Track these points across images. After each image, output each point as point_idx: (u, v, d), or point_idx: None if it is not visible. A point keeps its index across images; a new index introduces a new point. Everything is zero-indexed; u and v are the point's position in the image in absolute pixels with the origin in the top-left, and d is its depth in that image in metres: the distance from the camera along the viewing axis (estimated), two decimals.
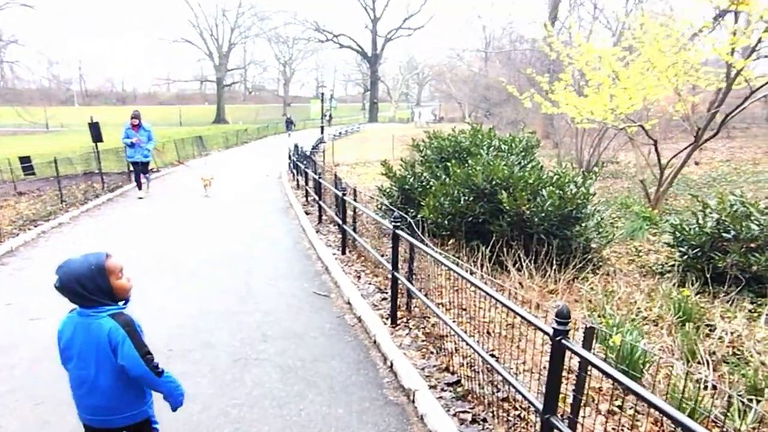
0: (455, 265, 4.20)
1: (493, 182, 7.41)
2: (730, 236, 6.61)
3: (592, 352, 2.51)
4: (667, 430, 3.35)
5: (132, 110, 12.62)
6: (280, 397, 3.78)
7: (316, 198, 10.43)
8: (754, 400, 3.82)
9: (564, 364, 2.51)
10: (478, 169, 7.55)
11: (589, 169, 15.65)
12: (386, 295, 5.89)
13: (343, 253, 7.75)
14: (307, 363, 4.28)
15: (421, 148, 10.30)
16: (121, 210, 11.28)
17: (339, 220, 8.00)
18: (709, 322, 5.33)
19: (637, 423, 3.48)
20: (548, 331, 2.45)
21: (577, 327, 5.40)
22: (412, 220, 7.66)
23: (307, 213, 11.00)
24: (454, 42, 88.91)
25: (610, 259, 7.92)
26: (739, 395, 3.86)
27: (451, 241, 7.81)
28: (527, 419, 3.42)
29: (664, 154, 11.68)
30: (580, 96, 11.13)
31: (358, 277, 6.71)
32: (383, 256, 6.95)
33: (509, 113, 29.94)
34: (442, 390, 3.88)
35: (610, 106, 10.43)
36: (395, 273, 5.01)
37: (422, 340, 4.78)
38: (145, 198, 12.46)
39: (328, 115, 40.89)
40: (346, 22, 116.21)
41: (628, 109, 10.38)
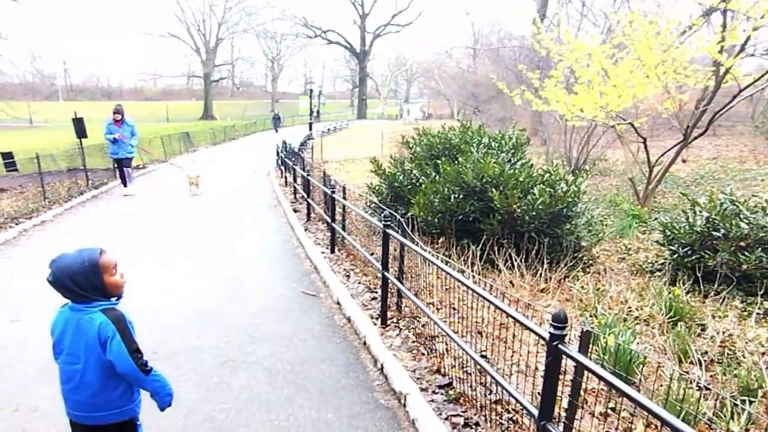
0: (446, 264, 4.14)
1: (484, 180, 7.35)
2: (719, 235, 6.60)
3: (589, 356, 2.45)
4: None
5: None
6: (269, 401, 3.69)
7: (305, 195, 10.33)
8: (747, 401, 3.79)
9: (561, 369, 2.44)
10: (468, 166, 7.49)
11: (578, 166, 15.67)
12: (376, 295, 5.82)
13: (332, 251, 7.66)
14: (296, 366, 4.19)
15: (411, 145, 10.23)
16: (106, 207, 11.09)
17: (328, 218, 7.90)
18: (701, 322, 5.32)
19: (632, 426, 3.44)
20: (545, 335, 2.38)
21: (570, 326, 5.37)
22: (402, 219, 7.59)
23: (296, 210, 10.88)
24: (442, 39, 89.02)
25: (599, 258, 7.90)
26: (732, 396, 3.84)
27: (441, 240, 7.75)
28: (521, 423, 3.37)
29: (652, 152, 11.69)
30: (570, 93, 11.10)
31: (348, 276, 6.63)
32: (373, 255, 6.87)
33: (498, 110, 29.91)
34: (434, 393, 3.82)
35: (600, 104, 10.42)
36: (385, 273, 4.93)
37: (413, 341, 4.71)
38: (130, 195, 12.26)
39: (316, 112, 40.63)
40: (335, 18, 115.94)
41: (618, 107, 10.37)
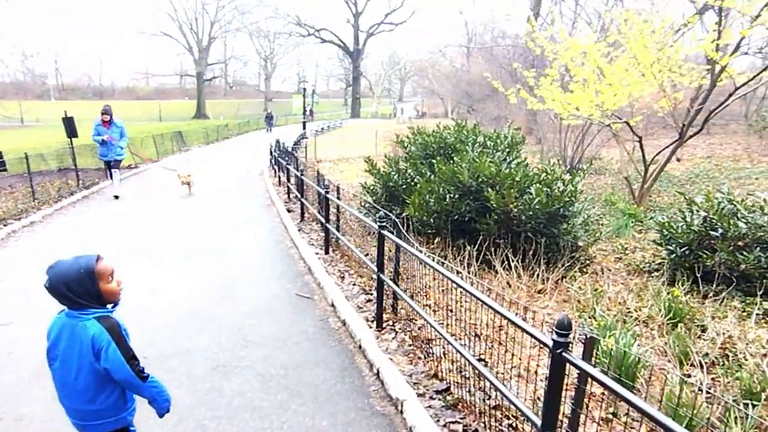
0: (442, 265, 4.05)
1: (480, 180, 7.27)
2: (717, 234, 6.55)
3: (593, 364, 2.37)
4: None
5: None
6: (262, 407, 3.59)
7: (298, 195, 10.22)
8: (750, 405, 3.73)
9: (565, 377, 2.35)
10: (463, 166, 7.40)
11: (574, 165, 15.63)
12: (371, 297, 5.73)
13: (327, 252, 7.56)
14: (290, 370, 4.09)
15: (406, 145, 10.14)
16: (97, 208, 10.95)
17: (322, 219, 7.80)
18: (700, 323, 5.25)
19: (632, 430, 3.38)
20: (548, 342, 2.30)
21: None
22: (397, 219, 7.50)
23: (289, 210, 10.77)
24: (436, 37, 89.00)
25: (596, 257, 7.83)
26: (734, 400, 3.77)
27: (437, 240, 7.66)
28: (521, 429, 3.29)
29: (646, 151, 11.65)
30: (565, 92, 11.04)
31: (342, 278, 6.53)
32: (367, 256, 6.78)
33: (492, 109, 29.87)
34: (431, 398, 3.73)
35: (596, 102, 10.37)
36: (381, 275, 4.84)
37: (409, 345, 4.63)
38: (122, 196, 12.09)
39: (310, 111, 40.49)
40: (328, 17, 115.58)
41: (614, 105, 10.32)
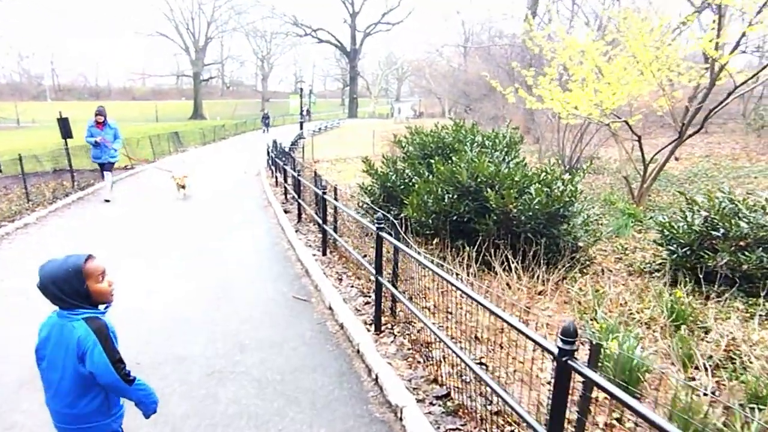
0: (441, 267, 3.98)
1: (478, 180, 7.19)
2: (719, 234, 6.49)
3: (599, 373, 2.30)
4: None
5: (96, 106, 11.74)
6: (258, 415, 3.50)
7: (296, 196, 10.13)
8: (756, 409, 3.65)
9: (571, 385, 2.27)
10: (462, 166, 7.33)
11: (572, 164, 15.56)
12: (369, 299, 5.65)
13: (324, 254, 7.47)
14: (287, 376, 4.01)
15: (403, 144, 10.06)
16: (92, 209, 10.84)
17: (319, 220, 7.71)
18: (703, 325, 5.19)
19: None
20: (553, 350, 2.22)
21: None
22: (395, 219, 7.41)
23: (287, 211, 10.68)
24: (433, 37, 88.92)
25: (596, 258, 7.76)
26: (740, 404, 3.70)
27: (436, 241, 7.59)
28: None
29: (645, 150, 11.59)
30: (564, 91, 10.97)
31: (340, 280, 6.44)
32: (365, 257, 6.70)
33: (489, 108, 29.82)
34: (431, 404, 3.65)
35: (595, 102, 10.30)
36: (379, 277, 4.76)
37: (408, 348, 4.54)
38: (117, 197, 11.99)
39: (306, 111, 40.37)
40: (325, 17, 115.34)
41: (613, 104, 10.25)
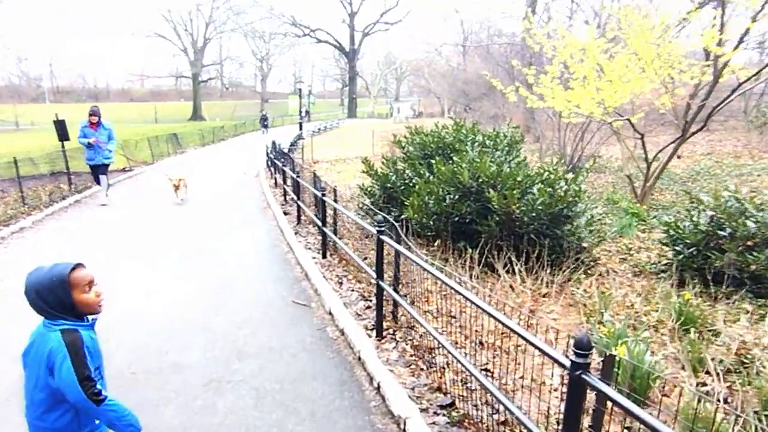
0: (442, 271, 3.86)
1: (480, 180, 7.07)
2: (725, 234, 6.37)
3: (615, 387, 2.18)
4: None
5: (91, 106, 11.40)
6: (256, 426, 3.38)
7: (295, 198, 10.01)
8: None
9: (585, 400, 2.15)
10: (463, 166, 7.21)
11: (574, 163, 15.44)
12: (370, 303, 5.53)
13: (324, 256, 7.35)
14: (286, 385, 3.89)
15: (403, 145, 9.94)
16: (90, 213, 10.71)
17: (319, 222, 7.59)
18: (712, 327, 5.06)
19: None
20: (565, 363, 2.10)
21: (574, 336, 5.10)
22: (396, 221, 7.29)
23: (286, 213, 10.56)
24: (432, 37, 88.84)
25: (600, 258, 7.64)
26: (755, 412, 3.58)
27: (437, 242, 7.47)
28: None
29: (646, 148, 11.47)
30: (566, 90, 10.85)
31: (340, 283, 6.32)
32: (365, 259, 6.59)
33: (489, 107, 29.71)
34: (435, 414, 3.53)
35: (597, 100, 10.18)
36: (380, 282, 4.64)
37: (411, 355, 4.42)
38: (115, 201, 11.85)
39: (304, 111, 40.25)
40: (324, 17, 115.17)
41: (615, 102, 10.13)
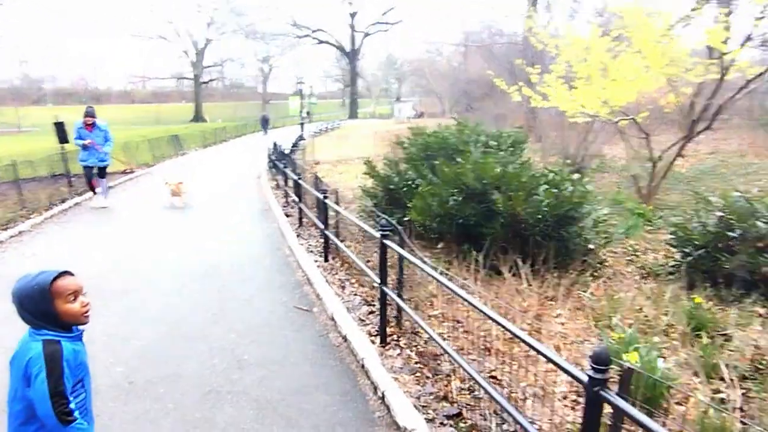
0: (446, 276, 3.75)
1: (484, 182, 6.95)
2: (735, 235, 6.24)
3: (633, 405, 2.06)
4: None
5: (96, 109, 11.38)
6: None
7: (296, 200, 9.90)
8: None
9: (601, 416, 2.04)
10: (468, 167, 7.09)
11: (577, 163, 15.29)
12: (373, 308, 5.41)
13: (326, 260, 7.24)
14: (288, 396, 3.77)
15: (406, 146, 9.83)
16: (89, 216, 10.61)
17: (321, 225, 7.48)
18: (723, 331, 4.94)
19: None
20: (582, 378, 1.98)
21: (582, 340, 4.98)
22: (399, 223, 7.17)
23: (287, 215, 10.45)
24: (433, 37, 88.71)
25: (607, 260, 7.52)
26: None
27: (441, 245, 7.35)
28: None
29: (649, 147, 11.35)
30: (570, 89, 10.73)
31: (343, 287, 6.21)
32: (368, 262, 6.47)
33: (490, 107, 29.57)
34: (442, 424, 3.41)
35: (602, 99, 10.05)
36: (384, 287, 4.52)
37: (416, 362, 4.31)
38: (114, 204, 11.75)
39: (306, 112, 40.16)
40: (324, 18, 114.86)
41: (621, 102, 10.00)
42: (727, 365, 4.16)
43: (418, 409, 3.54)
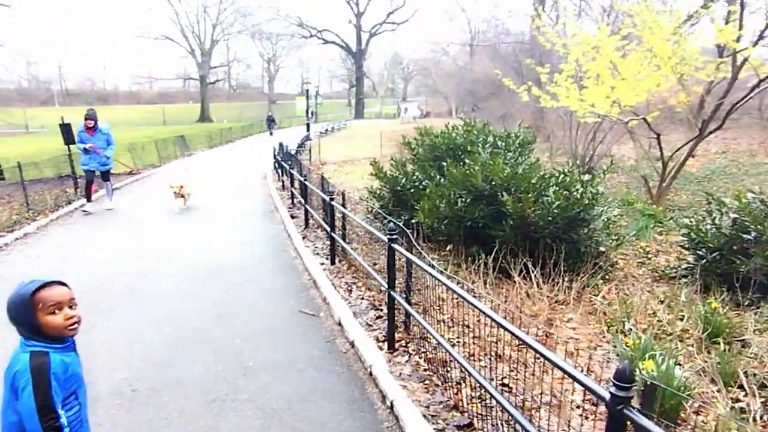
0: (456, 276, 3.64)
1: (493, 183, 6.84)
2: (750, 237, 6.10)
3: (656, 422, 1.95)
4: None
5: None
6: None
7: (302, 201, 9.81)
8: None
9: None
10: (476, 168, 6.98)
11: (586, 163, 15.15)
12: (381, 313, 5.31)
13: (332, 263, 7.15)
14: (293, 404, 3.67)
15: (413, 147, 9.72)
16: (95, 218, 10.55)
17: (327, 227, 7.39)
18: (740, 337, 4.81)
19: None
20: (605, 396, 1.87)
21: (595, 346, 4.87)
22: (406, 225, 7.07)
23: (293, 217, 10.37)
24: (439, 36, 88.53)
25: (618, 263, 7.39)
26: None
27: (449, 247, 7.24)
28: None
29: (657, 147, 11.19)
30: (580, 89, 10.59)
31: (350, 291, 6.11)
32: (375, 265, 6.38)
33: (497, 107, 29.39)
34: None
35: (613, 98, 9.91)
36: (392, 292, 4.42)
37: (424, 369, 4.20)
38: (120, 205, 11.71)
39: (310, 112, 40.14)
40: (330, 18, 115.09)
41: (631, 101, 9.85)
42: (745, 373, 4.05)
43: (428, 419, 3.44)
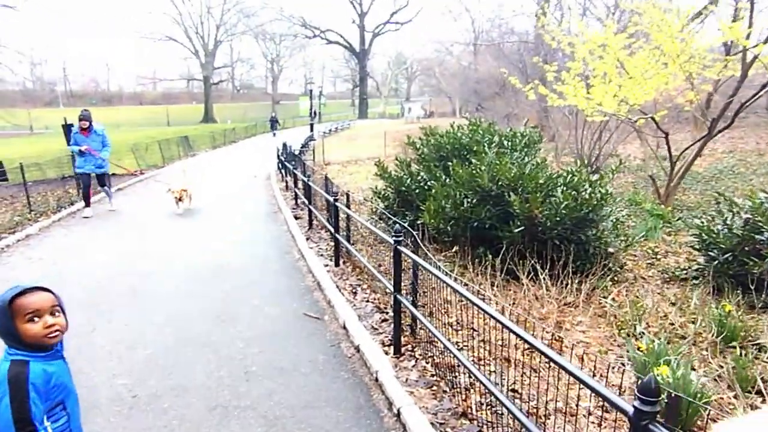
0: (462, 279, 3.54)
1: (500, 183, 6.73)
2: (763, 238, 5.98)
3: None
4: None
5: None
6: None
7: (306, 202, 9.72)
8: None
9: None
10: (482, 168, 6.86)
11: (592, 163, 14.99)
12: (387, 316, 5.21)
13: (337, 264, 7.04)
14: (297, 411, 3.57)
15: (418, 147, 9.61)
16: (97, 220, 10.48)
17: (331, 228, 7.29)
18: (756, 341, 4.69)
19: None
20: (628, 410, 1.76)
21: (607, 351, 4.75)
22: (412, 226, 6.96)
23: (297, 217, 10.27)
24: (442, 36, 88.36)
25: (627, 264, 7.27)
26: None
27: (455, 248, 7.13)
28: None
29: (662, 146, 11.05)
30: (588, 88, 10.46)
31: (354, 293, 6.01)
32: (380, 267, 6.28)
33: (501, 106, 29.30)
34: None
35: (620, 97, 9.77)
36: (398, 295, 4.32)
37: (431, 374, 4.10)
38: (122, 206, 11.65)
39: (313, 112, 40.09)
40: (334, 18, 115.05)
41: (639, 100, 9.72)
42: (763, 378, 3.93)
43: (436, 427, 3.33)
